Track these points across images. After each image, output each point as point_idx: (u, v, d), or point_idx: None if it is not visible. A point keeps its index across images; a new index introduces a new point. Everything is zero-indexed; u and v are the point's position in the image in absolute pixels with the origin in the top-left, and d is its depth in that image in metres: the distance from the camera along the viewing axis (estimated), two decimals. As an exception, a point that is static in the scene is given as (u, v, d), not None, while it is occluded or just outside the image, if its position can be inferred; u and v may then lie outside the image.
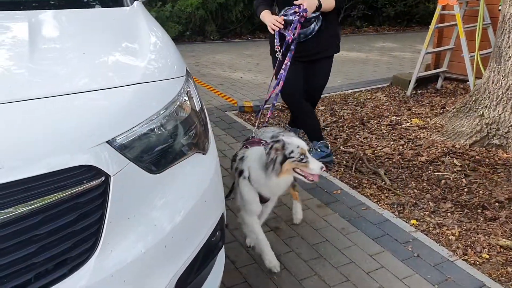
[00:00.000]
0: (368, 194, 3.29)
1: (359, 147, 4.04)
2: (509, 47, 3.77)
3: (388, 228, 2.90)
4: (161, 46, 1.86)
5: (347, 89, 5.76)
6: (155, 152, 1.51)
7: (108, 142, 1.35)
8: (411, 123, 4.51)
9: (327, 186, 3.39)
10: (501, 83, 3.83)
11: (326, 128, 4.45)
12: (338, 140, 4.19)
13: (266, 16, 3.40)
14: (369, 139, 4.20)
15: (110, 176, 1.33)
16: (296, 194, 2.97)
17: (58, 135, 1.29)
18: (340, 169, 3.65)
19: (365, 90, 5.74)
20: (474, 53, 4.90)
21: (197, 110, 1.78)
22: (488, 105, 3.93)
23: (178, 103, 1.62)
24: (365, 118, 4.71)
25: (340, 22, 10.77)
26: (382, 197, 3.25)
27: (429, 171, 3.58)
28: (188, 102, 1.72)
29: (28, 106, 1.32)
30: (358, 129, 4.44)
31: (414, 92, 5.50)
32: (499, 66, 3.86)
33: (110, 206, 1.34)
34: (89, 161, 1.29)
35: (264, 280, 2.44)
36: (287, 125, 3.90)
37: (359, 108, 5.05)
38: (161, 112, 1.54)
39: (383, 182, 3.42)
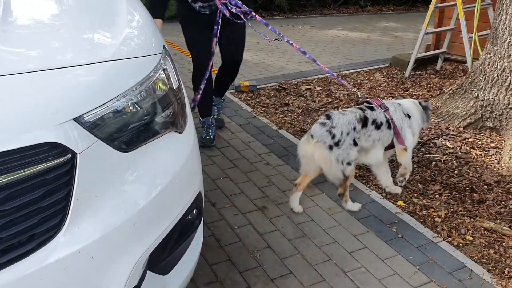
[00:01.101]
0: (357, 174, 3.29)
1: (353, 128, 4.02)
2: (505, 28, 3.71)
3: (374, 209, 2.90)
4: (138, 23, 1.85)
5: (346, 70, 5.72)
6: (126, 130, 1.51)
7: (75, 119, 1.35)
8: (407, 105, 4.47)
9: (317, 167, 3.39)
10: (497, 65, 3.79)
11: (320, 109, 4.44)
12: (332, 120, 4.17)
13: None
14: (363, 120, 4.17)
15: (76, 153, 1.34)
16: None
17: (24, 112, 1.29)
18: (332, 150, 3.64)
19: (363, 70, 5.70)
20: (472, 34, 4.83)
21: (174, 88, 1.78)
22: (483, 87, 3.89)
23: (152, 81, 1.62)
24: (360, 99, 4.67)
25: (344, 1, 10.71)
26: (371, 178, 3.25)
27: (421, 153, 3.57)
28: (164, 80, 1.71)
29: (-6, 83, 1.32)
30: (353, 110, 4.42)
31: (413, 73, 5.46)
32: (495, 48, 3.81)
33: (77, 184, 1.35)
34: (55, 138, 1.30)
35: (247, 258, 2.47)
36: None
37: (355, 89, 5.01)
38: (134, 90, 1.53)
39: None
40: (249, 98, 4.73)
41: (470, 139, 3.73)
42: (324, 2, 10.55)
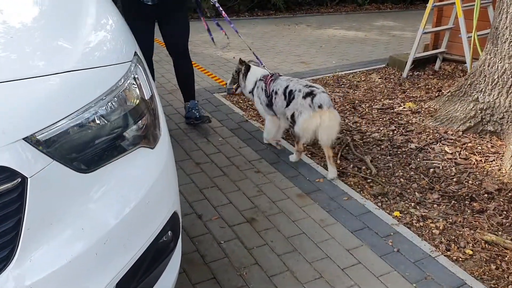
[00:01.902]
0: (352, 183, 3.14)
1: (348, 132, 3.87)
2: (506, 28, 3.56)
3: (369, 220, 2.76)
4: (107, 28, 1.70)
5: (341, 70, 5.57)
6: (87, 149, 1.36)
7: (25, 139, 1.21)
8: (404, 107, 4.33)
9: (309, 174, 3.24)
10: (497, 66, 3.63)
11: (315, 112, 4.28)
12: (327, 124, 4.01)
13: None
14: (358, 124, 4.03)
15: (27, 177, 1.19)
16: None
17: (-36, 133, 1.15)
18: (325, 156, 3.49)
19: (359, 71, 5.54)
20: (472, 33, 4.67)
21: (146, 99, 1.63)
22: (483, 89, 3.74)
23: (119, 92, 1.47)
24: (356, 101, 4.53)
25: None
26: (366, 186, 3.10)
27: (418, 159, 3.42)
28: (134, 90, 1.56)
29: None
30: (348, 113, 4.27)
31: (411, 73, 5.30)
32: (496, 48, 3.65)
33: (28, 211, 1.20)
34: (1, 161, 1.15)
35: (233, 277, 2.32)
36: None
37: (351, 90, 4.86)
38: (97, 103, 1.38)
39: (369, 171, 3.27)
40: (241, 101, 4.58)
41: (469, 144, 3.58)
42: (321, 1, 10.39)
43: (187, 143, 3.69)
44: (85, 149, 1.36)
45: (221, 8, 3.68)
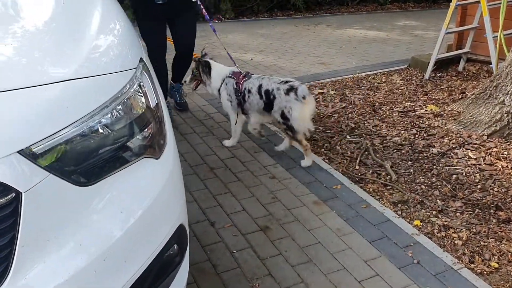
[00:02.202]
0: (371, 190, 3.03)
1: (367, 136, 3.76)
2: (534, 27, 3.40)
3: (388, 229, 2.65)
4: (112, 33, 1.64)
5: (362, 72, 5.44)
6: (87, 161, 1.30)
7: (20, 152, 1.15)
8: (426, 110, 4.19)
9: (327, 180, 3.15)
10: (525, 68, 3.48)
11: (333, 115, 4.18)
12: (345, 128, 3.91)
13: None
14: (379, 128, 3.91)
15: (21, 192, 1.13)
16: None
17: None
18: (344, 161, 3.39)
19: (380, 72, 5.40)
20: (497, 32, 4.50)
21: (151, 107, 1.56)
22: (510, 92, 3.58)
23: (122, 101, 1.40)
24: (377, 103, 4.40)
25: (362, -1, 10.38)
26: (386, 193, 2.99)
27: (440, 165, 3.29)
28: (139, 98, 1.50)
29: None
30: (368, 116, 4.15)
31: (433, 75, 5.14)
32: (523, 49, 3.50)
33: (22, 227, 1.15)
34: (-6, 175, 1.10)
35: (245, 288, 2.24)
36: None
37: (372, 92, 4.74)
38: (98, 113, 1.32)
39: (389, 177, 3.16)
40: (258, 104, 4.49)
41: (495, 149, 3.43)
42: (342, 0, 10.24)
43: (202, 148, 3.63)
44: (85, 161, 1.30)
45: (202, 7, 3.80)
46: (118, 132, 1.39)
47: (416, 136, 3.72)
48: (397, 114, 4.16)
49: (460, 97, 4.46)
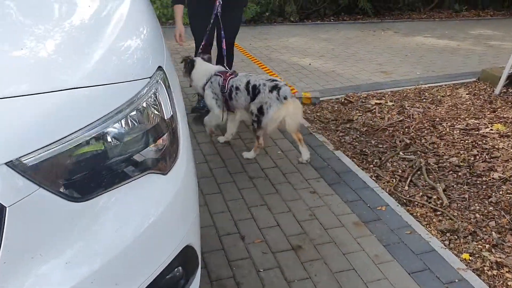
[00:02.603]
0: (418, 214, 2.80)
1: (422, 154, 3.50)
2: None
3: (432, 260, 2.41)
4: (130, 41, 1.55)
5: (425, 83, 5.12)
6: (83, 175, 1.23)
7: (8, 163, 1.09)
8: (491, 129, 3.84)
9: (371, 200, 2.94)
10: None
11: (388, 128, 3.93)
12: (400, 144, 3.66)
13: None
14: (436, 145, 3.63)
15: (5, 207, 1.08)
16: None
17: None
18: (393, 180, 3.17)
19: (445, 85, 5.06)
20: None
21: (166, 119, 1.47)
22: None
23: (128, 112, 1.32)
24: (437, 119, 4.11)
25: (437, 5, 9.86)
26: (434, 220, 2.74)
27: (501, 192, 2.98)
28: (151, 109, 1.41)
29: None
30: (426, 131, 3.87)
31: (505, 90, 4.73)
32: None
33: (5, 243, 1.09)
34: (-23, 188, 1.05)
35: (267, 312, 2.11)
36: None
37: (433, 106, 4.43)
38: (98, 124, 1.25)
39: (440, 201, 2.90)
40: (309, 112, 4.33)
41: None
42: (414, 6, 9.79)
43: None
44: (81, 175, 1.22)
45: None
46: (122, 145, 1.31)
47: (477, 157, 3.41)
48: (458, 131, 3.85)
49: (532, 117, 4.07)
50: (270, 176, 3.23)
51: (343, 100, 4.58)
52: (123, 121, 1.31)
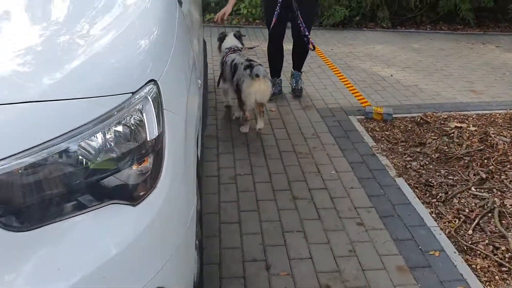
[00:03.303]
0: (478, 266, 2.38)
1: (499, 193, 3.02)
2: None
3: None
4: (115, 50, 1.36)
5: (521, 108, 4.50)
6: (26, 201, 1.07)
7: None
8: None
9: (425, 241, 2.56)
10: None
11: (464, 158, 3.46)
12: (473, 177, 3.20)
13: None
14: (518, 184, 3.12)
15: None
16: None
17: None
18: (455, 220, 2.75)
19: (546, 112, 4.40)
20: None
21: (148, 140, 1.28)
22: None
23: (91, 132, 1.15)
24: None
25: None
26: (497, 277, 2.31)
27: None
28: (127, 130, 1.23)
29: None
30: (509, 166, 3.35)
31: None
32: None
33: None
34: None
35: None
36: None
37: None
38: (49, 145, 1.09)
39: (509, 254, 2.45)
40: (377, 129, 3.96)
41: None
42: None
43: (294, 171, 3.27)
44: (25, 200, 1.07)
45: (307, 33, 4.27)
46: (82, 169, 1.14)
47: None
48: (549, 170, 3.29)
49: None
50: (316, 198, 2.95)
51: (419, 120, 4.14)
52: (86, 142, 1.14)
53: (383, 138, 3.80)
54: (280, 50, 4.55)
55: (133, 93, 1.26)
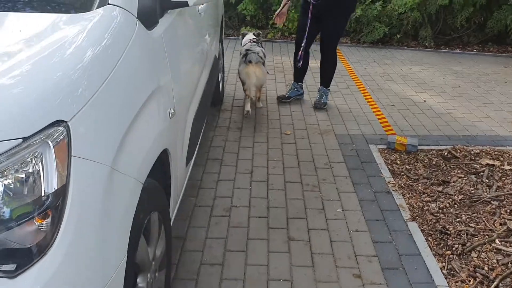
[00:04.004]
0: None
1: (528, 248, 2.61)
2: None
3: None
4: (17, 83, 1.14)
5: None
6: None
7: None
8: None
9: (430, 305, 2.21)
10: None
11: (492, 202, 3.06)
12: (499, 227, 2.80)
13: None
14: (552, 239, 2.70)
15: None
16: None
17: None
18: (471, 281, 2.38)
19: None
20: None
21: (43, 195, 1.06)
22: None
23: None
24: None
25: None
26: None
27: None
28: (12, 182, 1.01)
29: None
30: (544, 215, 2.93)
31: None
32: None
33: None
34: None
35: None
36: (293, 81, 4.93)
37: None
38: None
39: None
40: (398, 162, 3.61)
41: None
42: None
43: (296, 205, 2.98)
44: None
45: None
46: None
47: None
48: None
49: None
50: (313, 241, 2.65)
51: (446, 153, 3.75)
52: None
53: (403, 173, 3.45)
54: (305, 58, 4.66)
55: (24, 138, 1.03)
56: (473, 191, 3.20)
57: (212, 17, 3.57)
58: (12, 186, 1.02)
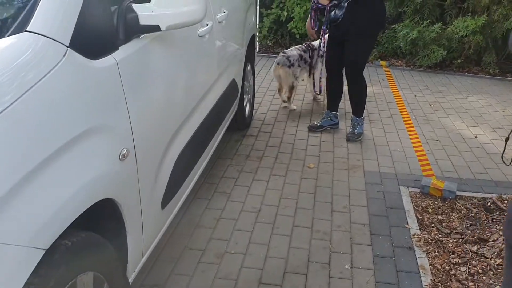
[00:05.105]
0: None
1: None
2: None
3: None
4: None
5: None
6: None
7: None
8: None
9: None
10: None
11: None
12: None
13: None
14: None
15: None
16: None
17: None
18: None
19: None
20: None
21: None
22: None
23: None
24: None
25: None
26: None
27: None
28: None
29: None
30: None
31: None
32: None
33: None
34: None
35: None
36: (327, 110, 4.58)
37: None
38: None
39: None
40: (430, 210, 3.15)
41: None
42: None
43: (299, 256, 2.62)
44: None
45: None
46: None
47: None
48: None
49: None
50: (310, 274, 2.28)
51: (490, 204, 3.24)
52: None
53: (433, 225, 2.99)
54: (336, 84, 4.39)
55: None
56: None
57: (228, 38, 3.29)
58: None
